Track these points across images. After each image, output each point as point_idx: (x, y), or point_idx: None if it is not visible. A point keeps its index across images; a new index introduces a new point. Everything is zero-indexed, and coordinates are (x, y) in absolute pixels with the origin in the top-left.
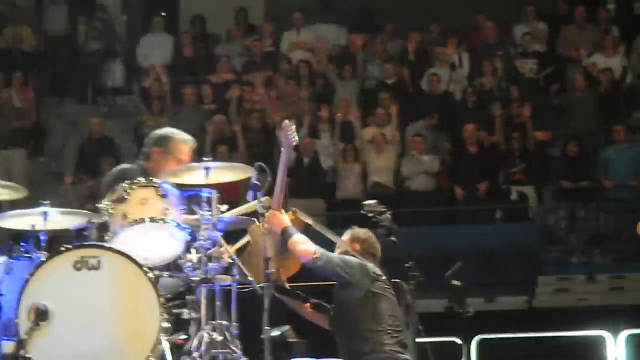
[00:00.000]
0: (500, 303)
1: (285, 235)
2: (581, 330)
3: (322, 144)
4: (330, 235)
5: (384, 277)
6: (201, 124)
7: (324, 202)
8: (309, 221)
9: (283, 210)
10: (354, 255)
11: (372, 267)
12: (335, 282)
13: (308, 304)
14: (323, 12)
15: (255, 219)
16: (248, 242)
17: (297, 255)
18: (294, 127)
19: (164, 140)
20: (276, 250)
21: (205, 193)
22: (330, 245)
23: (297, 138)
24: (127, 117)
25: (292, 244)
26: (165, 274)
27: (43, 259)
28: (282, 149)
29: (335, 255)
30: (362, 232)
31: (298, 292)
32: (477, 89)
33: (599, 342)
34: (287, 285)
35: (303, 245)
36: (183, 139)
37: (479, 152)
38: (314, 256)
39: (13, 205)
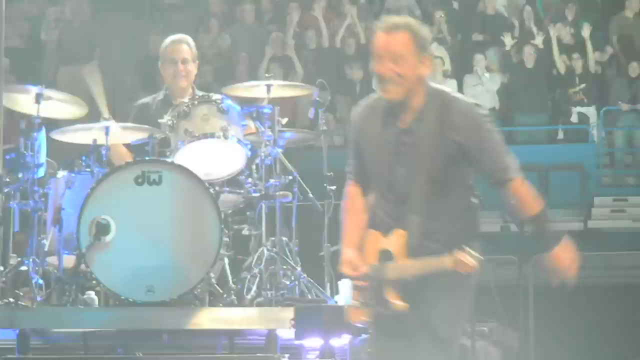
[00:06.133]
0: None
1: None
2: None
3: None
4: None
5: None
6: (259, 41)
7: None
8: None
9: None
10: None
11: None
12: None
13: None
14: None
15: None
16: None
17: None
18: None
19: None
20: None
21: (266, 109)
22: None
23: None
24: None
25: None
26: (226, 189)
27: (105, 173)
28: None
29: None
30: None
31: None
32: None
33: None
34: None
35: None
36: (164, 43)
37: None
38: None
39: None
